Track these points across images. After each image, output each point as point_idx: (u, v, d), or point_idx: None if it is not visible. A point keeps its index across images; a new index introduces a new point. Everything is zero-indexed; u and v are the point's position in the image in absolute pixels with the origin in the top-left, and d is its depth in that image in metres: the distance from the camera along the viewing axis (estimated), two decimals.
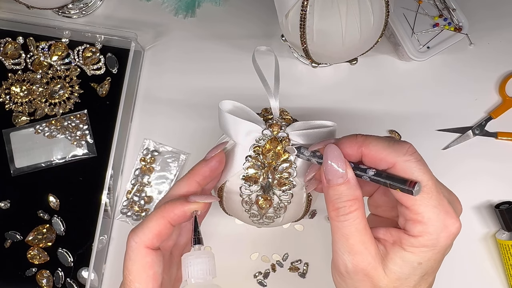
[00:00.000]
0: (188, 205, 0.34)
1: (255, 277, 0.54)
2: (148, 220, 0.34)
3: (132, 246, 0.33)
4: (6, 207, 0.56)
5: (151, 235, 0.33)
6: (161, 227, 0.33)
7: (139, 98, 0.58)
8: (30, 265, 0.55)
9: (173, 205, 0.34)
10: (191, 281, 0.32)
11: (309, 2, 0.42)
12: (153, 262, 0.33)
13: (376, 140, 0.33)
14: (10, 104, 0.57)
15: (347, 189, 0.32)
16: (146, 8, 0.60)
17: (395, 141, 0.32)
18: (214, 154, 0.38)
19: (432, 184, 0.31)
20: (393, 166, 0.32)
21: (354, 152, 0.33)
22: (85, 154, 0.56)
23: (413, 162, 0.31)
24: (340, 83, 0.58)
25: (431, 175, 0.31)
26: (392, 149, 0.32)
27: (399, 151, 0.31)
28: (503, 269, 0.55)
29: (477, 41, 0.59)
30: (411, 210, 0.31)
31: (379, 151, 0.32)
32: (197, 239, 0.33)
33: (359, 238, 0.32)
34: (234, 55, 0.58)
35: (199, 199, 0.35)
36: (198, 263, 0.32)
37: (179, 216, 0.34)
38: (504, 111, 0.57)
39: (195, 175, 0.37)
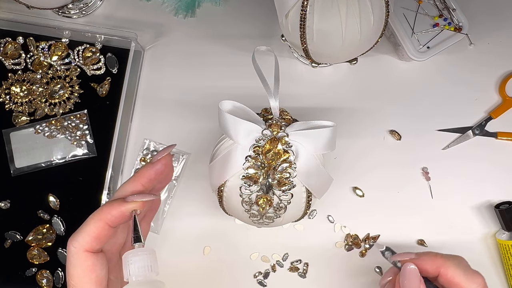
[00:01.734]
0: (126, 205, 0.33)
1: (255, 277, 0.54)
2: (86, 223, 0.33)
3: (72, 251, 0.33)
4: (6, 207, 0.56)
5: (89, 239, 0.33)
6: (99, 229, 0.33)
7: (139, 98, 0.58)
8: (30, 265, 0.55)
9: (110, 206, 0.33)
10: (132, 279, 0.31)
11: (309, 2, 0.42)
12: (94, 265, 0.33)
13: (456, 266, 0.38)
14: (10, 104, 0.57)
15: None
16: (146, 8, 0.60)
17: (471, 270, 0.38)
18: (160, 157, 0.37)
19: None
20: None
21: (432, 270, 0.38)
22: (85, 154, 0.57)
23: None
24: (340, 83, 0.58)
25: None
26: (467, 278, 0.37)
27: (473, 282, 0.37)
28: (503, 269, 0.55)
29: (477, 41, 0.59)
30: None
31: (456, 277, 0.38)
32: (136, 237, 0.33)
33: None
34: (234, 55, 0.58)
35: (137, 198, 0.34)
36: (137, 261, 0.32)
37: (117, 217, 0.33)
38: (504, 111, 0.57)
39: (140, 177, 0.36)
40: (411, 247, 0.55)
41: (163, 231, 0.55)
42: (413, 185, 0.56)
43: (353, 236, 0.55)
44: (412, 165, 0.57)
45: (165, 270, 0.54)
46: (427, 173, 0.56)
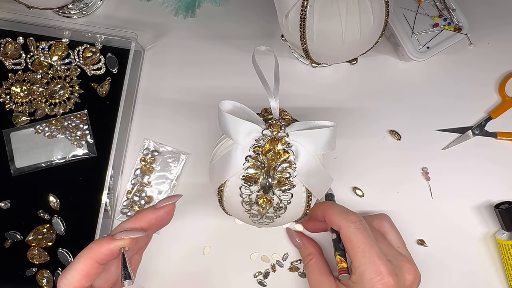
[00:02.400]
0: (114, 242, 0.34)
1: (255, 277, 0.54)
2: (75, 261, 0.34)
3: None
4: (6, 207, 0.56)
5: (79, 276, 0.33)
6: (88, 267, 0.33)
7: (139, 98, 0.58)
8: (30, 265, 0.55)
9: (99, 244, 0.34)
10: None
11: (309, 2, 0.42)
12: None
13: (335, 207, 0.45)
14: (10, 104, 0.57)
15: (303, 249, 0.52)
16: (146, 8, 0.60)
17: (348, 211, 0.44)
18: (165, 204, 0.38)
19: (365, 246, 0.41)
20: (339, 229, 0.43)
21: (320, 214, 0.47)
22: (85, 154, 0.57)
23: (353, 229, 0.42)
24: (340, 83, 0.58)
25: (368, 241, 0.42)
26: (342, 216, 0.43)
27: (346, 219, 0.43)
28: (503, 269, 0.55)
29: (477, 41, 0.59)
30: (352, 263, 0.42)
31: (333, 216, 0.44)
32: (127, 275, 0.34)
33: (315, 278, 0.47)
34: (234, 55, 0.59)
35: (125, 235, 0.34)
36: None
37: (106, 254, 0.34)
38: (504, 111, 0.57)
39: (140, 219, 0.37)
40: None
41: (163, 231, 0.55)
42: (413, 185, 0.56)
43: None
44: (412, 165, 0.57)
45: (165, 270, 0.54)
46: (427, 173, 0.56)
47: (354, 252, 0.41)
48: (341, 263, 0.43)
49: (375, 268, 0.40)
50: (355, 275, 0.41)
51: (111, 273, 0.38)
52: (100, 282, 0.36)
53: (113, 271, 0.38)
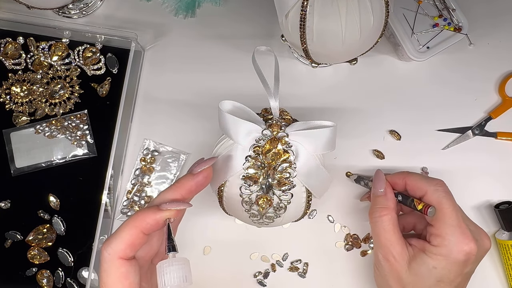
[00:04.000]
0: (160, 213, 0.33)
1: (255, 277, 0.55)
2: (120, 230, 0.33)
3: (106, 258, 0.32)
4: (6, 207, 0.56)
5: (124, 246, 0.32)
6: (133, 237, 0.33)
7: (139, 98, 0.58)
8: (30, 265, 0.55)
9: (145, 213, 0.33)
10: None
11: (309, 2, 0.42)
12: (128, 272, 0.32)
13: (417, 175, 0.46)
14: (11, 104, 0.57)
15: (383, 200, 0.46)
16: (146, 8, 0.60)
17: (431, 178, 0.46)
18: (202, 169, 0.37)
19: (452, 210, 0.42)
20: (425, 193, 0.44)
21: (400, 182, 0.47)
22: (85, 154, 0.57)
23: (440, 192, 0.43)
24: (340, 83, 0.58)
25: (454, 204, 0.43)
26: (427, 181, 0.45)
27: (431, 183, 0.44)
28: (503, 269, 0.55)
29: (477, 41, 0.59)
30: (434, 226, 0.43)
31: (417, 182, 0.45)
32: (171, 247, 0.33)
33: (386, 237, 0.44)
34: (234, 55, 0.59)
35: (172, 206, 0.34)
36: (172, 271, 0.32)
37: (152, 224, 0.33)
38: (504, 111, 0.57)
39: (180, 188, 0.36)
40: None
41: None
42: None
43: (353, 236, 0.55)
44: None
45: None
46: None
47: (442, 214, 0.42)
48: (421, 203, 0.43)
49: (462, 232, 0.41)
50: (440, 238, 0.42)
51: (153, 244, 0.37)
52: (141, 253, 0.36)
53: (155, 242, 0.37)
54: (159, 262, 0.32)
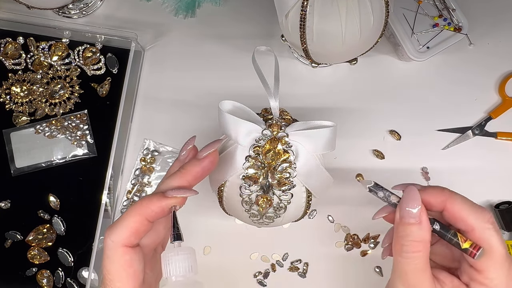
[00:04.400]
0: (166, 200, 0.33)
1: (255, 277, 0.54)
2: (124, 217, 0.32)
3: (109, 245, 0.32)
4: (6, 207, 0.56)
5: (128, 233, 0.32)
6: (137, 224, 0.32)
7: (139, 98, 0.58)
8: (30, 265, 0.55)
9: (150, 200, 0.32)
10: (172, 279, 0.31)
11: (309, 2, 0.42)
12: (132, 260, 0.32)
13: (462, 200, 0.35)
14: (11, 104, 0.57)
15: (417, 230, 0.34)
16: (146, 8, 0.60)
17: (478, 206, 0.34)
18: (208, 153, 0.36)
19: (505, 253, 0.33)
20: (471, 230, 0.34)
21: (437, 203, 0.35)
22: (85, 154, 0.57)
23: (493, 231, 0.33)
24: (340, 83, 0.58)
25: (504, 245, 0.34)
26: (475, 214, 0.34)
27: (482, 218, 0.33)
28: None
29: (477, 41, 0.59)
30: (480, 273, 0.33)
31: (462, 211, 0.34)
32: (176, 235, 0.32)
33: (417, 277, 0.34)
34: (234, 55, 0.59)
35: (177, 193, 0.33)
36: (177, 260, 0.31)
37: (157, 212, 0.33)
38: (504, 111, 0.57)
39: (186, 174, 0.35)
40: None
41: None
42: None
43: (353, 236, 0.55)
44: (412, 165, 0.57)
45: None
46: (427, 173, 0.56)
47: (492, 260, 0.33)
48: (467, 240, 0.34)
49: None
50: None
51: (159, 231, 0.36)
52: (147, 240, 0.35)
53: (161, 230, 0.36)
54: (164, 252, 0.32)
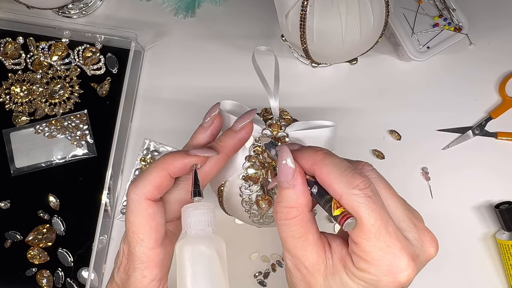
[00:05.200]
0: (189, 158, 0.34)
1: (255, 277, 0.54)
2: (147, 172, 0.33)
3: (133, 199, 0.33)
4: (6, 207, 0.56)
5: (151, 187, 0.33)
6: (161, 179, 0.33)
7: (139, 98, 0.58)
8: (30, 265, 0.55)
9: (173, 157, 0.34)
10: (191, 232, 0.32)
11: (309, 2, 0.42)
12: (154, 213, 0.33)
13: (333, 164, 0.30)
14: (10, 104, 0.57)
15: (291, 195, 0.31)
16: (146, 8, 0.60)
17: (353, 171, 0.29)
18: (244, 123, 0.36)
19: (380, 225, 0.28)
20: (339, 197, 0.29)
21: (308, 167, 0.31)
22: (85, 154, 0.57)
23: (361, 199, 0.28)
24: (340, 83, 0.58)
25: (382, 215, 0.28)
26: (343, 179, 0.29)
27: (350, 184, 0.29)
28: (503, 269, 0.55)
29: (477, 41, 0.59)
30: (357, 245, 0.29)
31: (330, 176, 0.30)
32: (197, 192, 0.33)
33: (295, 245, 0.31)
34: (234, 55, 0.58)
35: (200, 152, 0.34)
36: (196, 215, 0.32)
37: (179, 168, 0.33)
38: (504, 111, 0.57)
39: (225, 147, 0.36)
40: None
41: None
42: (413, 185, 0.56)
43: None
44: (412, 165, 0.57)
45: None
46: (427, 173, 0.56)
47: (363, 232, 0.28)
48: (340, 207, 0.29)
49: (394, 255, 0.28)
50: (365, 262, 0.29)
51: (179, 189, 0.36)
52: (169, 197, 0.35)
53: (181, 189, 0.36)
54: (184, 206, 0.33)
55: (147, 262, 0.32)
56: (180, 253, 0.30)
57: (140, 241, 0.32)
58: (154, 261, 0.33)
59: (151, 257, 0.32)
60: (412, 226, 0.31)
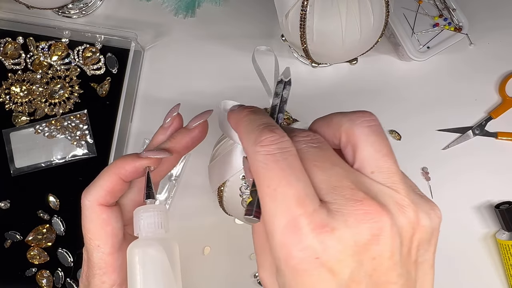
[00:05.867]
0: (140, 160, 0.33)
1: (255, 277, 0.54)
2: (99, 177, 0.33)
3: (86, 205, 0.32)
4: (6, 207, 0.56)
5: (103, 192, 0.32)
6: (113, 183, 0.33)
7: (139, 98, 0.58)
8: (30, 265, 0.54)
9: (124, 161, 0.33)
10: (142, 234, 0.31)
11: (309, 2, 0.42)
12: (109, 218, 0.32)
13: (248, 121, 0.27)
14: (10, 104, 0.57)
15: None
16: (146, 8, 0.60)
17: (266, 127, 0.25)
18: (198, 123, 0.36)
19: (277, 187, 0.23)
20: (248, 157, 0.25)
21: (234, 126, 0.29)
22: (85, 154, 0.56)
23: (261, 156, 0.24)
24: (340, 83, 0.58)
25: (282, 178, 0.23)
26: (249, 136, 0.25)
27: (254, 140, 0.24)
28: (503, 269, 0.55)
29: (477, 41, 0.59)
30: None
31: (241, 135, 0.27)
32: (149, 194, 0.32)
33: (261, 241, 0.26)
34: (234, 55, 0.58)
35: (151, 154, 0.33)
36: (148, 217, 0.31)
37: (131, 172, 0.33)
38: (504, 111, 0.57)
39: (176, 143, 0.35)
40: None
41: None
42: None
43: None
44: (412, 165, 0.57)
45: None
46: (427, 173, 0.56)
47: (261, 196, 0.23)
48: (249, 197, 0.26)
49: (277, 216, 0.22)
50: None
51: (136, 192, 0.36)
52: (126, 200, 0.35)
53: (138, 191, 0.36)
54: (136, 208, 0.32)
55: (105, 267, 0.32)
56: (130, 256, 0.30)
57: (97, 247, 0.32)
58: (112, 267, 0.32)
59: (108, 263, 0.32)
60: (339, 198, 0.23)
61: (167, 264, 0.31)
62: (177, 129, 0.37)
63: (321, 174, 0.24)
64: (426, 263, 0.24)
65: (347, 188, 0.23)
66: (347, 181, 0.24)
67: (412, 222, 0.23)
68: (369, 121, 0.27)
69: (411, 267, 0.23)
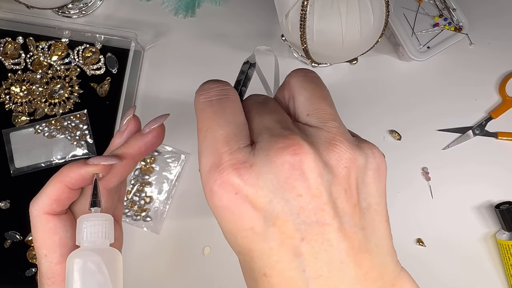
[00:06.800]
0: (85, 167, 0.32)
1: None
2: (45, 186, 0.32)
3: (33, 214, 0.32)
4: (6, 207, 0.56)
5: (49, 201, 0.32)
6: (58, 192, 0.32)
7: (139, 98, 0.58)
8: (30, 265, 0.54)
9: (70, 168, 0.32)
10: (83, 244, 0.30)
11: (309, 2, 0.42)
12: (56, 227, 0.32)
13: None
14: (10, 104, 0.57)
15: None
16: (146, 8, 0.60)
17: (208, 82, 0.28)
18: (152, 128, 0.34)
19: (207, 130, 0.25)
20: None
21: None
22: (85, 154, 0.56)
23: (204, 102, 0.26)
24: (340, 83, 0.58)
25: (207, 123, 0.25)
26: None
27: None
28: (503, 269, 0.55)
29: (477, 41, 0.59)
30: None
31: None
32: (94, 202, 0.31)
33: None
34: (234, 55, 0.58)
35: (97, 160, 0.32)
36: (91, 226, 0.30)
37: (77, 179, 0.32)
38: (504, 111, 0.57)
39: (129, 148, 0.34)
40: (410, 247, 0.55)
41: (163, 231, 0.55)
42: (413, 185, 0.56)
43: None
44: (412, 165, 0.57)
45: (165, 270, 0.54)
46: (427, 173, 0.56)
47: (198, 139, 0.26)
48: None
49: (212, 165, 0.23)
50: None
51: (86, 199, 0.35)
52: (80, 207, 0.34)
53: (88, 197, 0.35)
54: (79, 217, 0.31)
55: (53, 277, 0.32)
56: (68, 266, 0.29)
57: (44, 257, 0.31)
58: (61, 276, 0.31)
59: (56, 272, 0.31)
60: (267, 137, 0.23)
61: (106, 275, 0.29)
62: (133, 132, 0.35)
63: (258, 119, 0.25)
64: (372, 210, 0.23)
65: (277, 128, 0.24)
66: (279, 123, 0.24)
67: (344, 160, 0.23)
68: (305, 72, 0.28)
69: (351, 210, 0.22)
